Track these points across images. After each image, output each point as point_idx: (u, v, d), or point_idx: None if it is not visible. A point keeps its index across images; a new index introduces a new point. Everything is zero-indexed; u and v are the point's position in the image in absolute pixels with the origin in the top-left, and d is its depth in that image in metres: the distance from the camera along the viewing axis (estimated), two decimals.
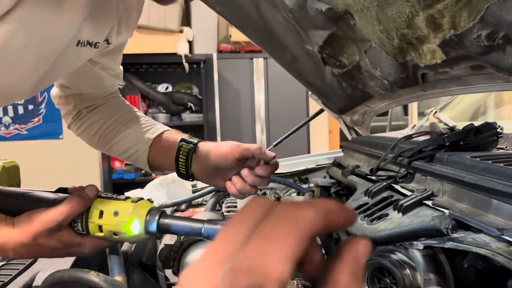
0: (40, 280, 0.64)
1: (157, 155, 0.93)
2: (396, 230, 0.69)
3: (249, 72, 3.96)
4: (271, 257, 0.24)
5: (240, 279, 0.23)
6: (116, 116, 0.99)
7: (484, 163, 0.67)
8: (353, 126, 1.66)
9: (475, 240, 0.55)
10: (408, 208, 0.72)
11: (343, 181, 1.18)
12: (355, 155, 1.30)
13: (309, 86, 1.51)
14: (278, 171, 1.71)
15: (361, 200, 0.89)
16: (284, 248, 0.25)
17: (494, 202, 0.59)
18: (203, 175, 0.90)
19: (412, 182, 0.84)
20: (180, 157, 0.87)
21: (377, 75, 1.05)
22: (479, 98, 1.94)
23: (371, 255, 0.81)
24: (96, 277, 0.45)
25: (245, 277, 0.23)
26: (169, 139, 0.93)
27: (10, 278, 0.68)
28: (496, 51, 0.63)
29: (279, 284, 0.24)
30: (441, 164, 0.77)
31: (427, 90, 0.97)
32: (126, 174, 3.94)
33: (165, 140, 0.93)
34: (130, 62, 3.84)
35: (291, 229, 0.26)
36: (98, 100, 1.01)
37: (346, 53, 1.10)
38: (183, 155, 0.86)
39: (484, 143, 0.85)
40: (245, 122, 4.02)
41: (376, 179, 0.94)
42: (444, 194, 0.72)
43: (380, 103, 1.29)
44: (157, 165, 0.95)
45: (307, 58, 1.28)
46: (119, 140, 0.96)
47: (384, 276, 0.79)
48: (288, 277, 0.24)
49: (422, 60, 0.83)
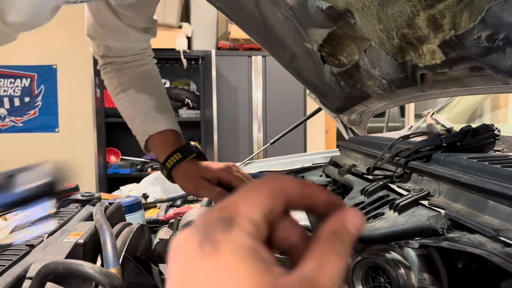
0: (34, 271, 0.64)
1: (153, 146, 0.94)
2: (391, 229, 0.69)
3: (247, 69, 3.95)
4: (243, 203, 0.26)
5: (214, 212, 0.26)
6: (133, 91, 0.98)
7: (481, 164, 0.67)
8: (350, 125, 1.66)
9: (471, 240, 0.55)
10: (404, 207, 0.72)
11: (339, 180, 1.18)
12: (351, 155, 1.30)
13: (308, 84, 1.51)
14: (275, 169, 1.72)
15: (357, 199, 0.89)
16: (256, 199, 0.27)
17: (490, 203, 0.60)
18: (185, 183, 0.91)
19: (408, 182, 0.84)
20: (167, 163, 0.88)
21: (376, 74, 1.05)
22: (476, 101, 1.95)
23: (365, 254, 0.81)
24: (91, 269, 0.45)
25: (218, 211, 0.26)
26: (168, 139, 0.94)
27: (3, 268, 0.68)
28: (495, 53, 0.63)
29: (250, 222, 0.25)
30: (438, 165, 0.77)
31: (425, 90, 0.97)
32: (121, 169, 3.93)
33: (166, 137, 0.94)
34: None
35: (265, 185, 0.28)
36: (125, 59, 1.00)
37: (345, 52, 1.10)
38: (171, 163, 0.88)
39: (481, 145, 0.86)
40: (242, 119, 4.02)
41: (372, 178, 0.94)
42: (441, 194, 0.72)
43: (378, 103, 1.29)
44: (151, 151, 0.96)
45: (306, 56, 1.28)
46: (129, 110, 0.96)
47: (378, 275, 0.79)
48: (260, 222, 0.26)
49: (421, 60, 0.83)
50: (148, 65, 1.05)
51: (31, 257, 0.73)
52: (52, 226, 0.85)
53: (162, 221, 1.30)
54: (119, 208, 0.93)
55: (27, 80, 4.16)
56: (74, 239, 0.74)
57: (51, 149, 4.21)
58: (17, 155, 4.15)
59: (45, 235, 0.84)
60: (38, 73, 4.18)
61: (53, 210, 1.12)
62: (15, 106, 4.16)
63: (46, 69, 4.18)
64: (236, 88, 3.98)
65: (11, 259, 0.71)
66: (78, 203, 1.09)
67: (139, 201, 1.28)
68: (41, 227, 0.85)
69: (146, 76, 1.03)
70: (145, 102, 0.98)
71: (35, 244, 0.78)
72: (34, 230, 0.86)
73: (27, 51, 4.05)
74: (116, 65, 1.00)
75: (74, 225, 0.88)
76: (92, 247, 0.72)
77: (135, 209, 1.24)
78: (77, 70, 4.13)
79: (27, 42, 3.89)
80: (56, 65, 4.19)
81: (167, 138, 0.95)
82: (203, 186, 0.84)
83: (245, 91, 3.98)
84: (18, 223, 0.91)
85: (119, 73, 1.00)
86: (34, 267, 0.66)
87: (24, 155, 4.16)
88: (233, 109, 3.99)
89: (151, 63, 1.07)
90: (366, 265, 0.81)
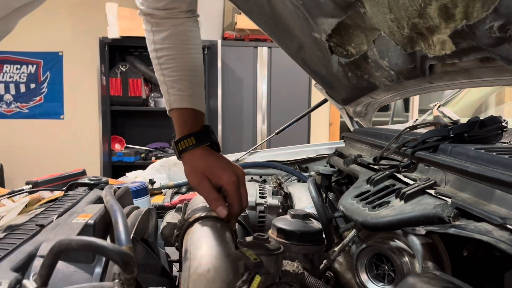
0: (44, 250, 0.65)
1: (173, 120, 0.92)
2: (397, 217, 0.69)
3: (253, 60, 3.94)
4: None
5: None
6: (164, 54, 0.95)
7: (488, 155, 0.67)
8: (356, 117, 1.66)
9: (477, 228, 0.55)
10: (411, 196, 0.73)
11: (344, 170, 1.18)
12: (357, 145, 1.30)
13: (314, 75, 1.51)
14: (279, 159, 1.73)
15: (363, 188, 0.89)
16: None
17: (497, 193, 0.60)
18: (189, 174, 0.88)
19: (415, 171, 0.85)
20: (179, 144, 0.86)
21: (384, 65, 1.05)
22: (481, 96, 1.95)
23: (370, 241, 0.82)
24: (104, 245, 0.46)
25: None
26: (187, 119, 0.91)
27: (14, 247, 0.69)
28: (507, 43, 0.63)
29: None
30: (445, 155, 0.78)
31: (433, 82, 0.97)
32: (126, 157, 3.94)
33: (185, 116, 0.91)
34: (133, 45, 3.83)
35: None
36: (162, 13, 0.95)
37: (354, 42, 1.10)
38: (184, 145, 0.86)
39: (488, 136, 0.86)
40: (247, 110, 4.02)
41: (378, 168, 0.95)
42: (447, 184, 0.72)
43: (385, 94, 1.29)
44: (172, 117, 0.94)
45: (314, 46, 1.27)
46: (160, 73, 0.94)
47: (382, 262, 0.80)
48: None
49: (431, 51, 0.83)
50: (187, 26, 0.99)
51: (41, 236, 0.74)
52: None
53: (167, 207, 1.32)
54: (127, 192, 0.93)
55: (33, 66, 4.17)
56: (83, 220, 0.75)
57: (56, 136, 4.23)
58: (22, 141, 4.18)
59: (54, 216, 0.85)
60: (44, 59, 4.18)
61: (60, 194, 1.13)
62: (20, 93, 4.18)
63: (52, 55, 4.19)
64: (241, 78, 3.97)
65: (22, 238, 0.72)
66: (85, 186, 1.10)
67: (146, 187, 1.30)
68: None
69: (182, 39, 0.97)
70: (173, 71, 0.94)
71: (45, 224, 0.80)
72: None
73: (33, 38, 4.05)
74: (154, 18, 0.95)
75: (83, 207, 0.89)
76: (102, 228, 0.73)
77: (142, 194, 1.26)
78: (83, 57, 4.13)
79: (33, 28, 3.89)
80: (62, 52, 4.20)
81: (186, 117, 0.91)
82: (204, 187, 0.82)
83: (250, 82, 3.98)
84: None
85: (155, 28, 0.95)
86: (44, 246, 0.67)
87: (29, 141, 4.19)
88: (238, 99, 3.99)
89: (192, 24, 1.00)
90: (370, 252, 0.82)
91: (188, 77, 0.94)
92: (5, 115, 4.16)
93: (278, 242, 0.73)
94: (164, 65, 0.94)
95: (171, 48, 0.94)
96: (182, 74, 0.94)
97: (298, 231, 0.81)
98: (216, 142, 0.88)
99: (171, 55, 0.94)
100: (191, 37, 0.98)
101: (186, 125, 0.89)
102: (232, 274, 0.55)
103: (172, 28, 0.95)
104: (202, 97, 0.96)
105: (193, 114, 0.91)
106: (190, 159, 0.85)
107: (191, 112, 0.91)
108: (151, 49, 0.96)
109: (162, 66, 0.94)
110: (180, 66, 0.94)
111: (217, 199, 0.78)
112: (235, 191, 0.80)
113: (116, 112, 3.92)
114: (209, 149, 0.86)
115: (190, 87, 0.93)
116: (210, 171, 0.81)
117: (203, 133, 0.87)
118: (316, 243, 0.83)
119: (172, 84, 0.92)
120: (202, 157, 0.84)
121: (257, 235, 0.70)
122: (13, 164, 4.10)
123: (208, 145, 0.86)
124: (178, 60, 0.94)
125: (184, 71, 0.94)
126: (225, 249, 0.61)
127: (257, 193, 1.17)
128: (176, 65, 0.94)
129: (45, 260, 0.51)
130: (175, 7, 0.94)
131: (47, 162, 4.16)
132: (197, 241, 0.64)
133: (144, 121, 4.20)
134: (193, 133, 0.86)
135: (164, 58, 0.94)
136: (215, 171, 0.81)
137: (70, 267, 0.65)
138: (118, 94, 3.82)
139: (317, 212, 0.91)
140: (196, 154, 0.84)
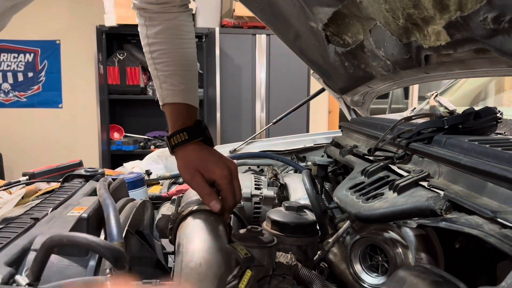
0: (38, 243, 0.65)
1: (166, 114, 0.91)
2: (390, 209, 0.70)
3: (251, 48, 3.92)
4: None
5: None
6: (157, 49, 0.94)
7: (481, 147, 0.67)
8: (353, 106, 1.66)
9: (468, 221, 0.55)
10: (404, 188, 0.73)
11: (340, 160, 1.18)
12: (353, 135, 1.30)
13: (311, 64, 1.50)
14: (276, 149, 1.72)
15: (358, 179, 0.89)
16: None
17: (489, 185, 0.60)
18: (182, 169, 0.88)
19: (409, 163, 0.85)
20: (172, 140, 0.85)
21: (380, 55, 1.04)
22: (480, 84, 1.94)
23: (364, 233, 0.83)
24: (94, 242, 0.46)
25: None
26: (180, 114, 0.90)
27: (8, 241, 0.69)
28: (501, 35, 0.62)
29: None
30: (439, 147, 0.77)
31: (429, 72, 0.97)
32: (125, 146, 3.94)
33: (177, 111, 0.91)
34: (131, 33, 3.80)
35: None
36: (155, 7, 0.94)
37: (350, 31, 1.09)
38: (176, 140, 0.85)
39: (483, 128, 0.85)
40: (245, 99, 4.00)
41: (373, 159, 0.95)
42: (440, 176, 0.73)
43: (382, 84, 1.28)
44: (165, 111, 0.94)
45: (310, 35, 1.26)
46: (153, 68, 0.93)
47: (376, 253, 0.81)
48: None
49: (426, 41, 0.82)
50: (180, 20, 0.98)
51: (36, 230, 0.74)
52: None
53: (164, 198, 1.32)
54: (122, 184, 0.94)
55: (31, 55, 4.15)
56: (78, 213, 0.75)
57: (55, 125, 4.22)
58: (21, 130, 4.17)
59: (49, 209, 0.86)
60: (42, 48, 4.16)
61: (57, 185, 1.13)
62: (18, 81, 4.16)
63: (50, 44, 4.16)
64: (239, 67, 3.95)
65: (16, 232, 0.73)
66: (81, 178, 1.10)
67: (142, 178, 1.30)
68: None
69: (175, 33, 0.97)
70: (165, 65, 0.94)
71: (40, 217, 0.80)
72: None
73: (30, 26, 4.02)
74: (147, 12, 0.95)
75: (78, 199, 0.89)
76: (96, 221, 0.73)
77: (138, 185, 1.26)
78: (80, 46, 4.11)
79: (31, 17, 3.86)
80: (59, 40, 4.17)
81: (178, 112, 0.91)
82: (196, 182, 0.82)
83: (248, 70, 3.96)
84: None
85: (148, 23, 0.95)
86: (38, 240, 0.67)
87: (28, 130, 4.19)
88: (236, 88, 3.97)
89: (185, 19, 0.99)
90: (364, 243, 0.82)
91: (181, 72, 0.94)
92: (3, 104, 4.16)
93: (272, 234, 0.74)
94: (157, 60, 0.93)
95: (164, 42, 0.93)
96: (175, 69, 0.93)
97: (292, 223, 0.82)
98: (209, 137, 0.88)
99: (164, 49, 0.93)
100: (184, 31, 0.97)
101: (178, 120, 0.88)
102: (224, 268, 0.56)
103: (165, 23, 0.95)
104: (195, 92, 0.96)
105: (185, 109, 0.91)
106: (182, 154, 0.85)
107: (184, 107, 0.91)
108: (144, 43, 0.95)
109: (155, 60, 0.93)
110: (173, 61, 0.93)
111: (210, 194, 0.78)
112: (228, 185, 0.80)
113: (114, 101, 3.91)
114: (201, 144, 0.86)
115: (182, 82, 0.93)
116: (203, 166, 0.81)
117: (196, 128, 0.87)
118: (310, 235, 0.83)
119: (165, 79, 0.92)
120: (195, 152, 0.84)
121: (251, 227, 0.71)
122: (13, 153, 4.10)
123: (201, 140, 0.86)
124: (171, 55, 0.94)
125: (177, 65, 0.94)
126: (217, 243, 0.62)
127: (252, 184, 1.17)
128: (169, 59, 0.93)
129: (37, 256, 0.51)
130: (168, 2, 0.94)
131: (46, 150, 4.16)
132: (190, 235, 0.65)
133: (142, 110, 4.20)
134: (185, 128, 0.86)
135: (157, 53, 0.93)
136: (208, 166, 0.81)
137: (64, 261, 0.65)
138: (116, 82, 3.81)
139: (311, 203, 0.91)
140: (189, 149, 0.84)
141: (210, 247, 0.59)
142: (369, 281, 0.81)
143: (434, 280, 0.51)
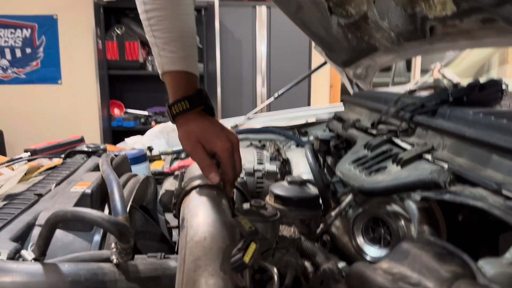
0: (42, 219, 0.65)
1: (166, 83, 0.90)
2: (393, 182, 0.70)
3: (251, 21, 3.86)
4: None
5: None
6: (154, 15, 0.90)
7: (486, 119, 0.67)
8: (356, 80, 1.64)
9: (472, 194, 0.55)
10: (407, 161, 0.72)
11: (343, 134, 1.18)
12: (356, 109, 1.29)
13: (313, 36, 1.48)
14: (278, 124, 1.72)
15: (361, 153, 0.89)
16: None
17: (494, 157, 0.60)
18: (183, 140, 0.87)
19: (413, 136, 0.84)
20: (173, 108, 0.84)
21: (384, 26, 1.02)
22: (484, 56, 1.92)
23: (367, 206, 0.83)
24: (99, 217, 0.46)
25: None
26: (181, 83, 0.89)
27: (13, 216, 0.70)
28: (509, 3, 0.61)
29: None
30: (443, 119, 0.77)
31: (433, 43, 0.95)
32: (126, 122, 3.94)
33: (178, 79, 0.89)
34: (129, 7, 3.73)
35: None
36: None
37: (353, 2, 1.06)
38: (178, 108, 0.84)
39: (487, 100, 0.85)
40: (246, 73, 3.97)
41: (376, 133, 0.94)
42: (444, 149, 0.72)
43: (385, 56, 1.26)
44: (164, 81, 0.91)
45: (312, 7, 1.24)
46: (150, 35, 0.91)
47: (378, 226, 0.81)
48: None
49: (431, 11, 0.80)
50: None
51: (40, 205, 0.74)
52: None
53: (167, 173, 1.32)
54: (125, 160, 0.93)
55: (28, 30, 4.09)
56: (82, 189, 0.75)
57: (55, 101, 4.20)
58: (20, 107, 4.16)
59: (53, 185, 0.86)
60: (39, 23, 4.09)
61: (59, 161, 1.13)
62: (16, 57, 4.12)
63: (47, 19, 4.09)
64: (239, 40, 3.90)
65: (20, 208, 0.73)
66: (83, 154, 1.11)
67: (144, 153, 1.30)
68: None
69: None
70: (164, 32, 0.91)
71: (43, 193, 0.80)
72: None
73: (26, 0, 3.95)
74: None
75: (81, 175, 0.90)
76: (99, 197, 0.73)
77: (141, 161, 1.26)
78: (78, 20, 4.04)
79: None
80: (56, 15, 4.10)
81: (179, 80, 0.89)
82: (197, 153, 0.81)
83: (249, 44, 3.91)
84: None
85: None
86: (43, 215, 0.68)
87: (27, 107, 4.17)
88: (237, 62, 3.93)
89: None
90: (367, 216, 0.83)
91: (179, 38, 0.91)
92: (2, 81, 4.12)
93: (275, 208, 0.74)
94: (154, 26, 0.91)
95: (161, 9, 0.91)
96: (174, 36, 0.91)
97: (295, 197, 0.82)
98: (210, 106, 0.87)
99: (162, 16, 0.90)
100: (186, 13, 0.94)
101: (179, 88, 0.87)
102: (229, 241, 0.56)
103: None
104: (195, 59, 0.94)
105: (186, 77, 0.89)
106: (184, 123, 0.83)
107: (184, 74, 0.89)
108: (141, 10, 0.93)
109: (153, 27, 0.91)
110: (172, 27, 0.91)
111: (210, 166, 0.78)
112: (229, 158, 0.79)
113: (113, 77, 3.88)
114: (203, 113, 0.85)
115: (182, 49, 0.90)
116: (204, 137, 0.80)
117: (197, 96, 0.85)
118: (313, 209, 0.84)
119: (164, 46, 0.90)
120: (196, 122, 0.83)
121: (254, 201, 0.71)
122: (13, 130, 4.10)
123: (202, 109, 0.85)
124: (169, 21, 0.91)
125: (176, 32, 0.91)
126: (221, 216, 0.62)
127: (255, 159, 1.17)
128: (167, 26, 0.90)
129: (41, 231, 0.52)
130: None
131: (47, 127, 4.15)
132: (194, 209, 0.65)
133: (142, 86, 4.16)
134: (186, 97, 0.84)
135: (154, 19, 0.91)
136: (209, 138, 0.80)
137: (69, 236, 0.66)
138: (115, 58, 3.76)
139: (314, 177, 0.91)
140: (190, 118, 0.83)
141: (214, 221, 0.59)
142: (371, 253, 0.81)
143: (438, 252, 0.51)
